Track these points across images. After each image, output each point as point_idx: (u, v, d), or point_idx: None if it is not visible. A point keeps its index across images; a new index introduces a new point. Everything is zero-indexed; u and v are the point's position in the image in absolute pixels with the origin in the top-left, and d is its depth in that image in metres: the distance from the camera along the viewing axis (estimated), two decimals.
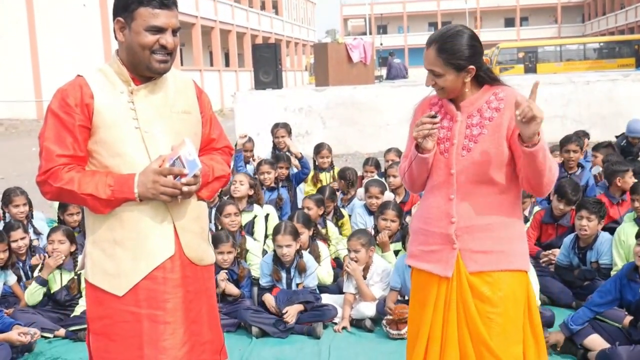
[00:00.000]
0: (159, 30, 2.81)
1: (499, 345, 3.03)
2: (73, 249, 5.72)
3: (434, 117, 2.98)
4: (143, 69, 2.86)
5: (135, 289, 2.85)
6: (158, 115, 2.90)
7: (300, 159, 7.80)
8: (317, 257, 5.94)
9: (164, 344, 2.87)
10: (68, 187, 2.77)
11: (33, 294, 5.60)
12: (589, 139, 9.36)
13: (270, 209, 6.93)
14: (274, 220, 6.78)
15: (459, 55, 2.97)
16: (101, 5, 34.29)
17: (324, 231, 6.81)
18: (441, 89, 3.04)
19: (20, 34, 35.07)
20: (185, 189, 2.79)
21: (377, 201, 6.74)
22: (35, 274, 5.76)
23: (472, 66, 3.00)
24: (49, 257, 5.67)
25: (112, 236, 2.87)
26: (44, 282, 5.61)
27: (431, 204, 3.15)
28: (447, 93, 3.06)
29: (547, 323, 4.95)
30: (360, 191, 7.03)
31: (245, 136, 8.32)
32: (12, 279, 5.84)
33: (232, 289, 5.61)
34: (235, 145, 8.23)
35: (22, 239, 6.14)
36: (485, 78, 3.07)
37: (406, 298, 5.42)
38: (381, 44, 54.58)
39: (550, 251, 6.10)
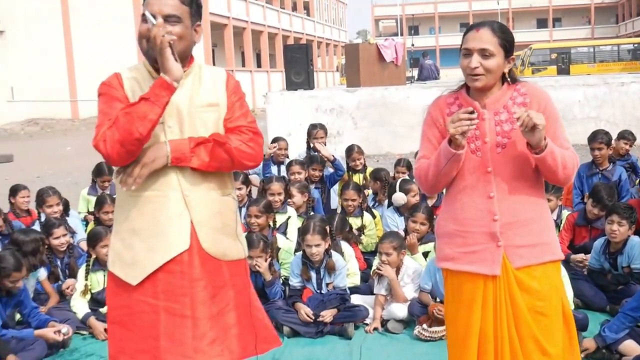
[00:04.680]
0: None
1: (547, 339, 3.08)
2: None
3: (471, 112, 2.93)
4: (149, 59, 2.95)
5: (154, 280, 2.90)
6: (180, 110, 2.95)
7: (333, 162, 7.80)
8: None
9: (181, 337, 2.90)
10: (123, 119, 2.77)
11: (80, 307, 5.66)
12: (634, 139, 8.99)
13: (292, 212, 6.94)
14: (293, 223, 6.79)
15: (511, 40, 3.06)
16: (135, 6, 34.65)
17: (358, 221, 6.86)
18: (484, 74, 3.02)
19: (55, 35, 35.61)
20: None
21: (415, 198, 6.80)
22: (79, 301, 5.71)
23: (513, 56, 3.09)
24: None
25: (132, 226, 2.93)
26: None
27: (466, 204, 3.11)
28: (488, 80, 3.04)
29: (581, 327, 4.89)
30: (397, 196, 6.91)
31: (275, 146, 8.30)
32: (42, 274, 5.93)
33: (265, 272, 5.61)
34: (264, 155, 8.24)
35: (63, 235, 6.24)
36: (510, 76, 3.13)
37: (438, 300, 5.41)
38: (412, 45, 54.35)
39: (581, 256, 6.00)
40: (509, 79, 3.13)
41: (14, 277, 5.01)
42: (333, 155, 7.86)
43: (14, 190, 7.53)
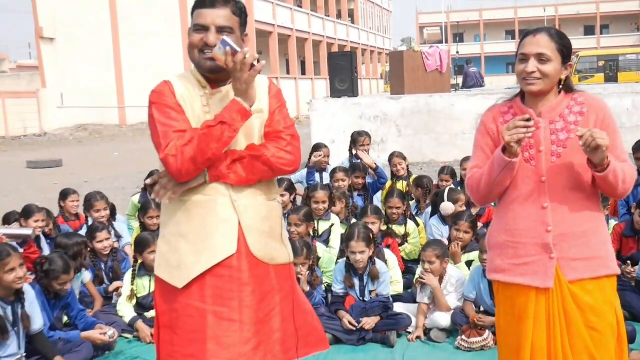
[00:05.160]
0: (203, 28, 2.92)
1: (600, 354, 2.99)
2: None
3: (528, 120, 2.87)
4: (200, 68, 2.98)
5: (201, 284, 2.91)
6: None
7: (375, 169, 7.80)
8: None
9: (227, 340, 2.90)
10: (199, 139, 2.81)
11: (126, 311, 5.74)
12: None
13: (335, 219, 6.94)
14: (337, 230, 6.79)
15: (569, 47, 3.02)
16: (182, 14, 35.10)
17: (402, 229, 6.84)
18: (541, 78, 2.97)
19: (104, 42, 36.30)
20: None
21: (463, 207, 6.76)
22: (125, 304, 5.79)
23: (571, 63, 3.05)
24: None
25: (179, 230, 2.96)
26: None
27: (519, 214, 3.05)
28: (545, 84, 2.99)
29: (629, 339, 4.79)
30: (446, 205, 6.85)
31: (321, 155, 8.31)
32: (86, 277, 6.04)
33: (304, 283, 5.59)
34: (308, 161, 8.27)
35: (106, 239, 6.35)
36: (566, 84, 3.07)
37: (482, 309, 5.37)
38: (457, 52, 53.92)
39: (631, 268, 5.89)
40: (565, 87, 3.08)
41: (62, 280, 5.11)
42: (375, 163, 7.85)
43: (64, 194, 7.71)
